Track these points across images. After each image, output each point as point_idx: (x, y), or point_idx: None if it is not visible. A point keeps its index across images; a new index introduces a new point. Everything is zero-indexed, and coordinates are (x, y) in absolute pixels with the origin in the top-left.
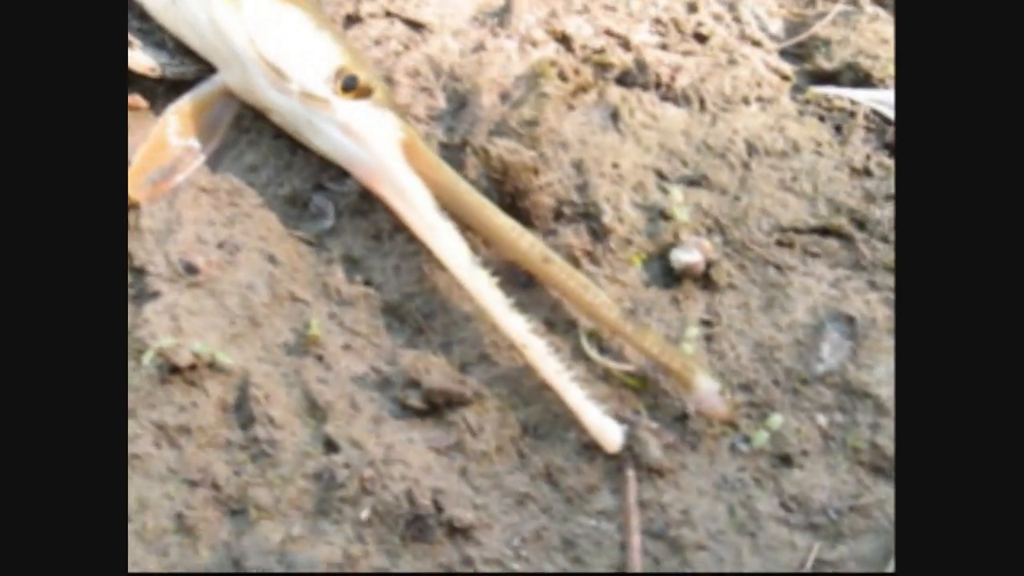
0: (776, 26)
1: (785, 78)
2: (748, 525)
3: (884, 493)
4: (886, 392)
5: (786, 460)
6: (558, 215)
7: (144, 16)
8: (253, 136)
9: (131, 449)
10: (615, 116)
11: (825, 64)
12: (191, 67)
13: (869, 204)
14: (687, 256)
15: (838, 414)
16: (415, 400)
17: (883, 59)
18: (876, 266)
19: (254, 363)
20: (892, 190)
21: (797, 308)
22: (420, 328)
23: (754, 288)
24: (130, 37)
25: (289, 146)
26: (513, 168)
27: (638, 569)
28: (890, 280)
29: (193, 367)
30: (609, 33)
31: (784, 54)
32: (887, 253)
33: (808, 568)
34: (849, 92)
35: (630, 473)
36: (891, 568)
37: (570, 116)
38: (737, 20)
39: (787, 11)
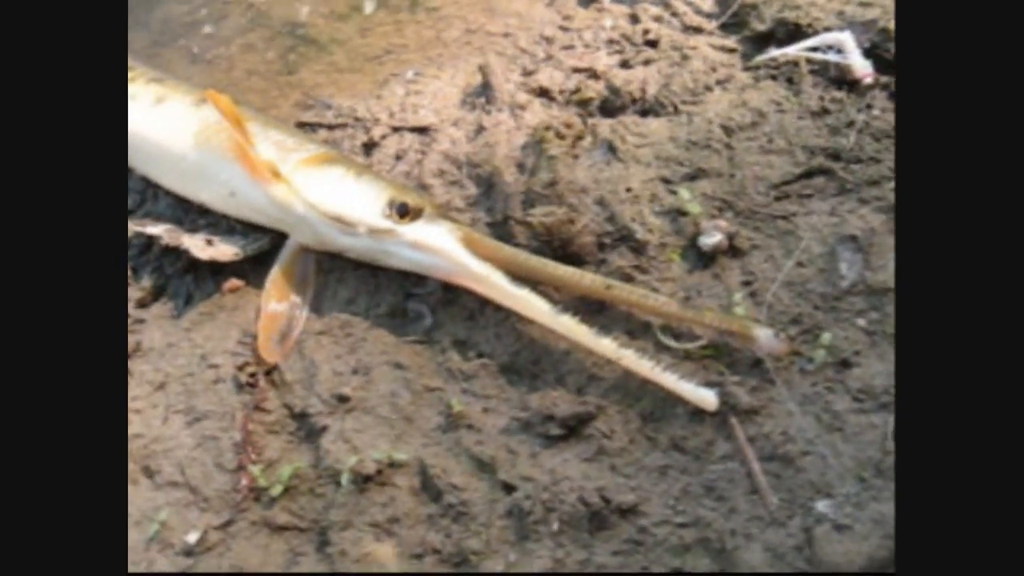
0: (708, 4)
1: (732, 51)
2: (834, 424)
3: None
4: None
5: (845, 364)
6: (601, 247)
7: (206, 211)
8: (338, 275)
9: (359, 549)
10: (612, 149)
11: (759, 26)
12: (265, 239)
13: (835, 136)
14: (711, 239)
15: (872, 313)
16: (555, 429)
17: (803, 7)
18: (859, 184)
19: (422, 450)
20: (849, 118)
21: (810, 244)
22: (534, 374)
23: (772, 241)
24: (204, 234)
25: (370, 272)
26: (554, 227)
27: (768, 489)
28: (874, 191)
29: (379, 472)
30: (577, 70)
31: (725, 28)
32: (863, 171)
33: (889, 434)
34: (787, 49)
35: (733, 420)
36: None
37: (578, 164)
38: (675, 14)
39: None
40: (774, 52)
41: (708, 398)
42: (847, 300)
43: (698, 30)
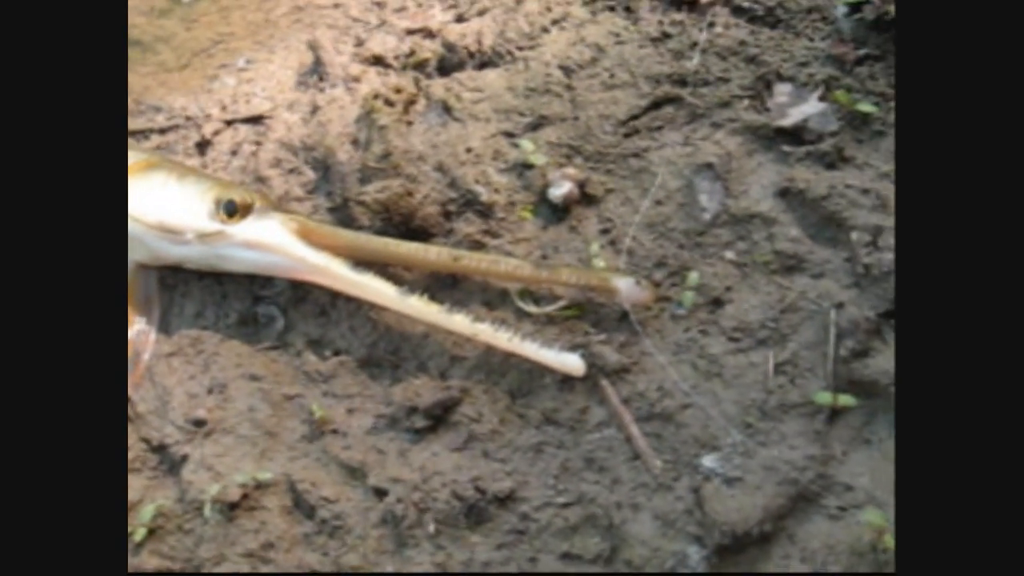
0: None
1: None
2: (711, 370)
3: (800, 284)
4: (766, 205)
5: (718, 303)
6: (447, 215)
7: None
8: (182, 289)
9: None
10: (447, 109)
11: None
12: None
13: (679, 61)
14: (560, 190)
15: (740, 243)
16: (420, 421)
17: None
18: (710, 108)
19: (289, 465)
20: (692, 39)
21: (666, 179)
22: (395, 364)
23: (626, 183)
24: None
25: (216, 280)
26: (390, 202)
27: (649, 452)
28: (726, 113)
29: (246, 496)
30: (411, 32)
31: None
32: (712, 93)
33: (771, 372)
34: None
35: (604, 382)
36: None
37: (412, 131)
38: None
39: None
40: None
41: (573, 363)
42: (712, 233)
43: None
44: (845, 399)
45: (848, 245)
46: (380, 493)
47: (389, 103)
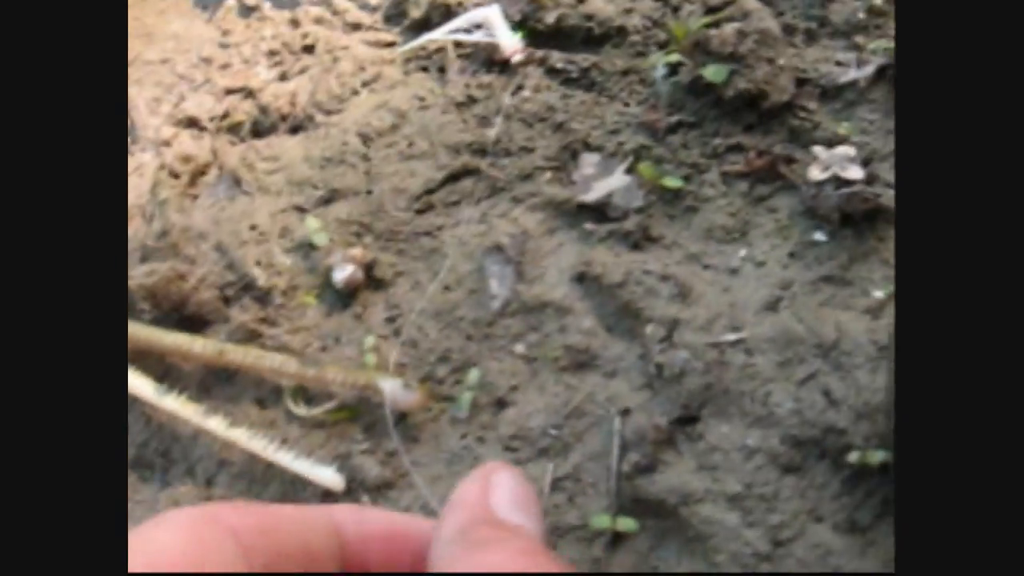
0: None
1: (389, 44)
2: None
3: (589, 384)
4: (560, 292)
5: (501, 404)
6: (226, 300)
7: None
8: None
9: None
10: (237, 181)
11: (415, 13)
12: None
13: (482, 128)
14: (342, 274)
15: (531, 335)
16: None
17: None
18: (510, 180)
19: None
20: (498, 104)
21: (457, 262)
22: (165, 467)
23: (417, 264)
24: None
25: None
26: (157, 287)
27: None
28: (527, 186)
29: None
30: (230, 91)
31: (389, 19)
32: (514, 164)
33: (547, 488)
34: (433, 35)
35: (364, 499)
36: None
37: (196, 205)
38: (336, 12)
39: None
40: (424, 38)
41: (330, 478)
42: (502, 324)
43: (357, 27)
44: (626, 523)
45: (643, 339)
46: None
47: (174, 175)
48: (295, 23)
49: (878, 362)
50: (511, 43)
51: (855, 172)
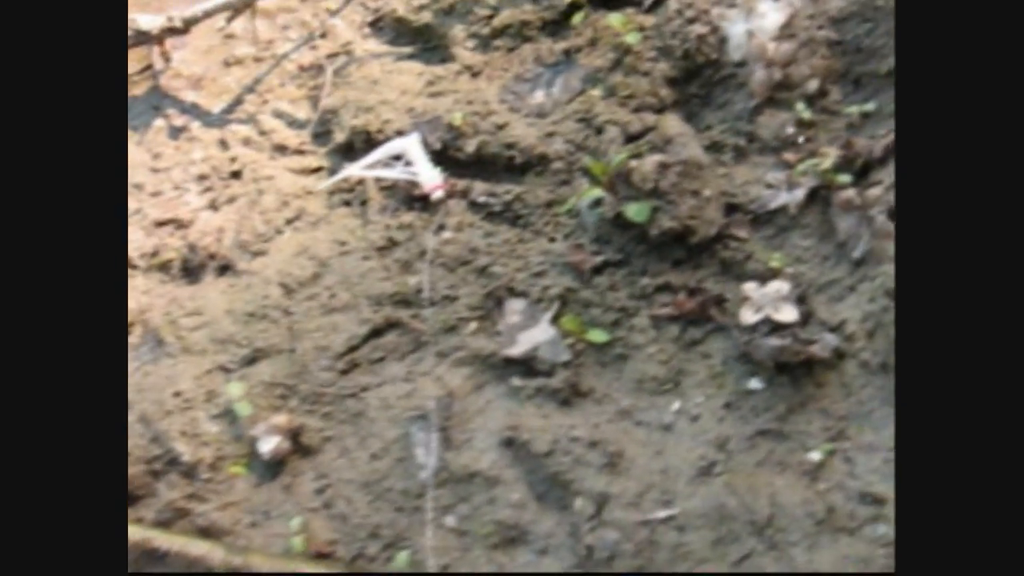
0: (303, 110)
1: (315, 171)
2: None
3: (521, 562)
4: (488, 460)
5: None
6: (154, 474)
7: None
8: None
9: None
10: (160, 343)
11: (340, 136)
12: None
13: (404, 275)
14: (268, 446)
15: (462, 506)
16: None
17: (375, 107)
18: (435, 333)
19: None
20: (421, 246)
21: (383, 428)
22: None
23: (345, 428)
24: None
25: None
26: None
27: None
28: (453, 339)
29: None
30: (160, 223)
31: (316, 137)
32: (438, 315)
33: None
34: (352, 169)
35: None
36: None
37: None
38: (263, 132)
39: (305, 88)
40: (344, 172)
41: None
42: (433, 495)
43: (283, 148)
44: None
45: (573, 514)
46: None
47: None
48: (224, 144)
49: (815, 538)
50: (431, 178)
51: (789, 313)
